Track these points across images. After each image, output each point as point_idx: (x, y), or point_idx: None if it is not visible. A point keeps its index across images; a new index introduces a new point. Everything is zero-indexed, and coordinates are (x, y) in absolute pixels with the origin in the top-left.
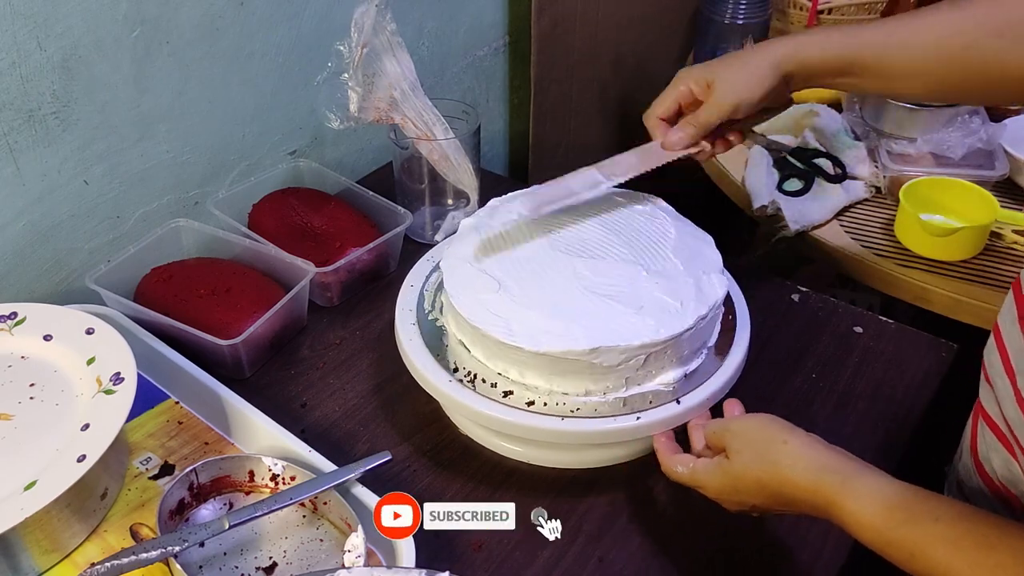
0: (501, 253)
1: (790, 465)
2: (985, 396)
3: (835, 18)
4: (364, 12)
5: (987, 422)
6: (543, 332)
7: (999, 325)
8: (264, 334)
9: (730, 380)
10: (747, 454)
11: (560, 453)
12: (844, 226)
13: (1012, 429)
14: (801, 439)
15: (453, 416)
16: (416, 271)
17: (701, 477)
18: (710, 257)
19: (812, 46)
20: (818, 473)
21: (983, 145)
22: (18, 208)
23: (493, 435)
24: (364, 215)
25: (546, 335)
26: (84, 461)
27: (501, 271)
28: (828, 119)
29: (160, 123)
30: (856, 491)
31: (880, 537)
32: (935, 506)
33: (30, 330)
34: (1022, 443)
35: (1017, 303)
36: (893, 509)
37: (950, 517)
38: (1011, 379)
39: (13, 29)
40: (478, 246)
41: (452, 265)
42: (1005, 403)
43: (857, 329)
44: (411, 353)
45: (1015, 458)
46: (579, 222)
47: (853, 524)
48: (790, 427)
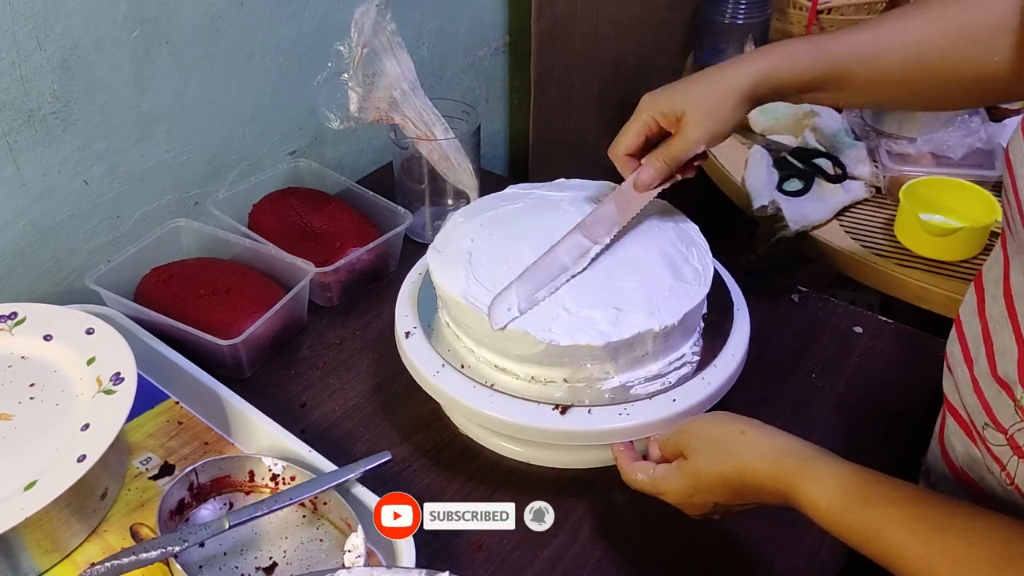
0: (490, 237)
1: (750, 454)
2: (947, 385)
3: (835, 18)
4: (364, 12)
5: (950, 410)
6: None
7: (960, 316)
8: (264, 334)
9: (731, 378)
10: (705, 450)
11: (560, 453)
12: (844, 226)
13: (971, 415)
14: (758, 428)
15: (453, 416)
16: (416, 271)
17: (661, 483)
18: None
19: (781, 68)
20: (777, 457)
21: (983, 145)
22: (18, 208)
23: (493, 435)
24: (364, 215)
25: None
26: (84, 461)
27: (486, 248)
28: (828, 119)
29: (160, 123)
30: (814, 474)
31: (836, 521)
32: (890, 489)
33: (30, 330)
34: (980, 429)
35: (977, 295)
36: (848, 492)
37: (904, 500)
38: (969, 368)
39: (13, 29)
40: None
41: (441, 244)
42: (964, 391)
43: (857, 329)
44: (410, 353)
45: (974, 443)
46: (577, 209)
47: (811, 508)
48: (747, 419)
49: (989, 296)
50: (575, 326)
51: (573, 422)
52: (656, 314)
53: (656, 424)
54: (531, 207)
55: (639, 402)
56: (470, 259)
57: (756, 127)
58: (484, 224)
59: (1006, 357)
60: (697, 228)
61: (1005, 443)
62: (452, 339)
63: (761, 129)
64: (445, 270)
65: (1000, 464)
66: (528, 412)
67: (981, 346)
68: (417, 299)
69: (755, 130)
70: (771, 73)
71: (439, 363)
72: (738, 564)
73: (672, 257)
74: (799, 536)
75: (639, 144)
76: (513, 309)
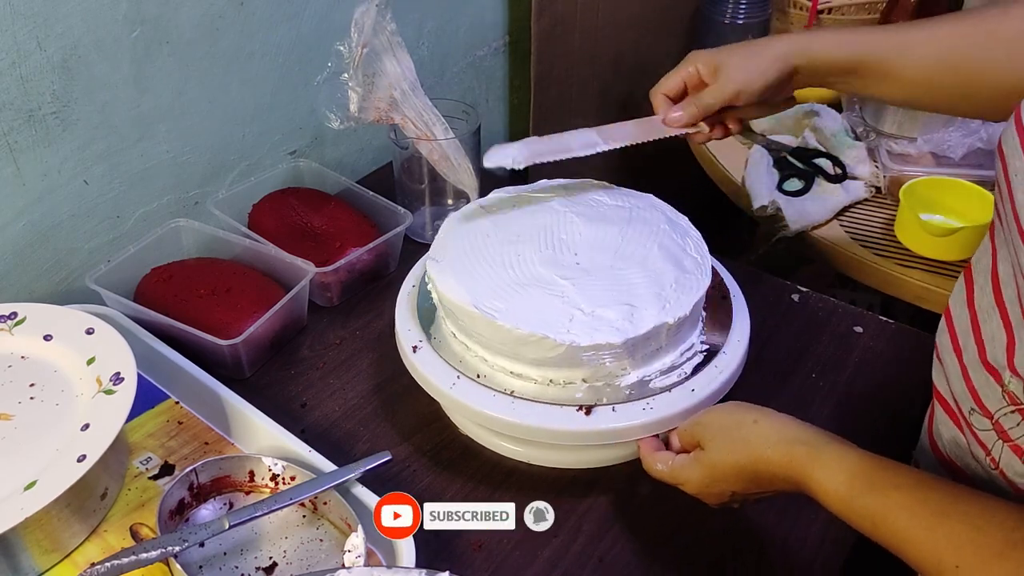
0: (491, 232)
1: (763, 443)
2: (936, 375)
3: (835, 18)
4: (364, 12)
5: (938, 399)
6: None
7: (950, 307)
8: (264, 334)
9: (741, 364)
10: (721, 440)
11: (560, 453)
12: (844, 226)
13: (958, 402)
14: (771, 417)
15: (453, 416)
16: (416, 271)
17: (680, 473)
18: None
19: (822, 43)
20: (790, 445)
21: (983, 145)
22: (18, 208)
23: (493, 435)
24: (364, 215)
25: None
26: (84, 461)
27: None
28: (828, 119)
29: (160, 123)
30: (823, 460)
31: (845, 506)
32: (895, 475)
33: (30, 330)
34: (966, 415)
35: (966, 286)
36: (855, 478)
37: (908, 485)
38: (958, 356)
39: (13, 29)
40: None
41: (442, 241)
42: (953, 380)
43: (857, 329)
44: (422, 368)
45: (960, 430)
46: (569, 209)
47: (821, 494)
48: (760, 408)
49: (978, 287)
50: (592, 326)
51: (598, 422)
52: (668, 307)
53: (678, 415)
54: (523, 210)
55: (659, 395)
56: (473, 266)
57: (756, 127)
58: (480, 230)
59: (995, 343)
60: (688, 220)
61: (991, 427)
62: (461, 349)
63: (761, 129)
64: (449, 280)
65: (985, 449)
66: (553, 416)
67: (970, 335)
68: (417, 308)
69: (755, 130)
70: (808, 44)
71: (454, 375)
72: (746, 557)
73: (671, 250)
74: (806, 523)
75: (678, 89)
76: (509, 161)
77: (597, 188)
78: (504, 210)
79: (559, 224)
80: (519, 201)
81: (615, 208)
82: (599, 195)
